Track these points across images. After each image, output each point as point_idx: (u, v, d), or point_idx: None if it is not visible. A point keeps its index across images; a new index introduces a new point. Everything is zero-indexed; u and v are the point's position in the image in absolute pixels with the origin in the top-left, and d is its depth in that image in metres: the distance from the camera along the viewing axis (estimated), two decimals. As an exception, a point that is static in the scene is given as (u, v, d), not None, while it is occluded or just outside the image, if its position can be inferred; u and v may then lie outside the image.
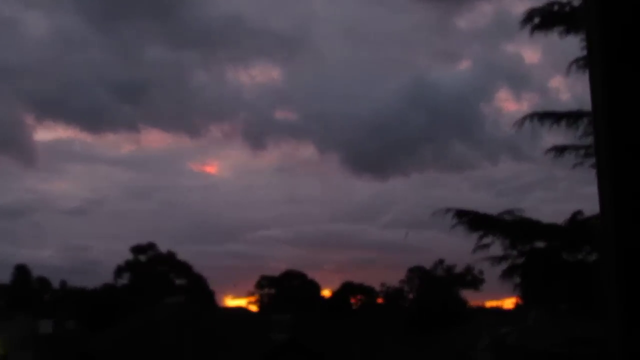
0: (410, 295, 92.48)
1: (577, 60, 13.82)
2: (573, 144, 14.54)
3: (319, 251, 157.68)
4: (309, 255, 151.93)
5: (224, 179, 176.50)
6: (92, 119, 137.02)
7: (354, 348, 41.05)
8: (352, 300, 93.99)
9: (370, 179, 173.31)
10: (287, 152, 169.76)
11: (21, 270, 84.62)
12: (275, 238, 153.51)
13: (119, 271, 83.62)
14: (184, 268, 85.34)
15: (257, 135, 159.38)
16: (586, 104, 13.09)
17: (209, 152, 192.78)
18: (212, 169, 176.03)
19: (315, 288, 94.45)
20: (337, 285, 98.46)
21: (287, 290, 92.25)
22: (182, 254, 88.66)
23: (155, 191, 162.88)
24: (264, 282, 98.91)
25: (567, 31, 13.95)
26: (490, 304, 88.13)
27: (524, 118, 14.62)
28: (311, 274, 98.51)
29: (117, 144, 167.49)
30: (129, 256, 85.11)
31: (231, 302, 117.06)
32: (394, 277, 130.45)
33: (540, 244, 14.87)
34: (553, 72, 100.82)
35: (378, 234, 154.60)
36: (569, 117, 14.29)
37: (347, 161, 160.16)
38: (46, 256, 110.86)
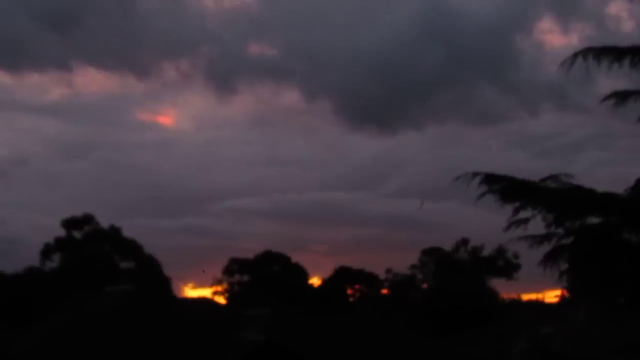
0: (425, 285, 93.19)
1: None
2: (638, 89, 14.48)
3: (306, 227, 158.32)
4: (292, 232, 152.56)
5: (182, 132, 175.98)
6: (11, 55, 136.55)
7: (351, 353, 41.38)
8: (349, 291, 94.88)
9: (373, 133, 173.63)
10: (264, 99, 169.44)
11: None
12: (248, 210, 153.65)
13: (47, 251, 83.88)
14: (132, 248, 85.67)
15: (225, 76, 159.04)
16: (657, 36, 12.94)
17: (162, 97, 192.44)
18: (166, 119, 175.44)
19: (301, 275, 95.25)
20: (329, 271, 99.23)
21: (264, 278, 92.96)
22: (129, 230, 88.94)
23: (93, 148, 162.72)
24: (235, 267, 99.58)
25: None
26: (527, 296, 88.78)
27: (574, 55, 14.53)
28: (296, 257, 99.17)
29: (43, 87, 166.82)
30: (60, 232, 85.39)
31: (192, 292, 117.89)
32: (403, 262, 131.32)
33: (593, 220, 14.89)
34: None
35: (383, 205, 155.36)
36: (634, 54, 14.21)
37: (343, 110, 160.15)
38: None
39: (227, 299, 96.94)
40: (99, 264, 79.34)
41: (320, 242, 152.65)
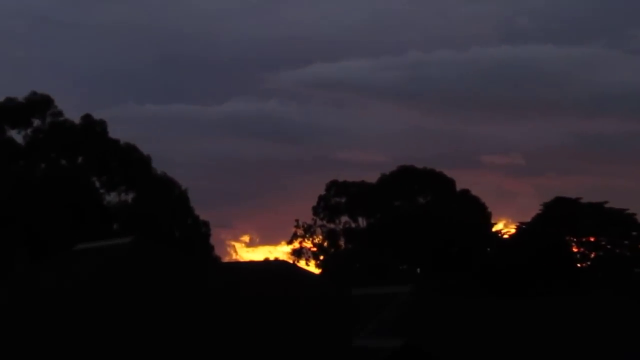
0: None
1: None
2: None
3: (475, 119, 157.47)
4: (448, 129, 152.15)
5: None
6: None
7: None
8: (574, 249, 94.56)
9: None
10: None
11: None
12: (355, 84, 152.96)
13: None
14: (130, 163, 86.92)
15: None
16: None
17: None
18: None
19: (475, 215, 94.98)
20: (530, 207, 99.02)
21: (398, 221, 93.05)
22: (123, 127, 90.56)
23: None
24: (338, 200, 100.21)
25: None
26: None
27: None
28: (461, 178, 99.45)
29: None
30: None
31: (250, 252, 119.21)
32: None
33: None
34: None
35: (630, 70, 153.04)
36: None
37: None
38: None
39: (323, 263, 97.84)
40: (61, 194, 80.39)
41: (505, 148, 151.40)
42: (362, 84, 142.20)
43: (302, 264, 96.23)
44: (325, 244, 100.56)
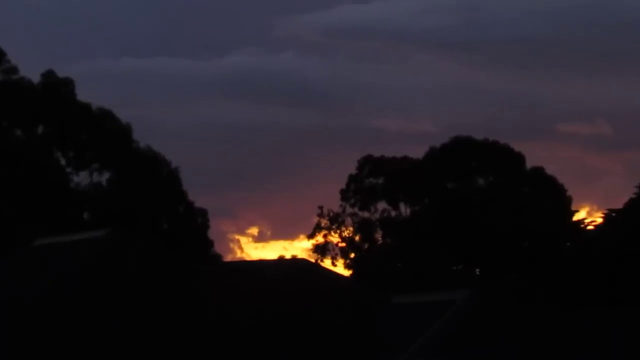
0: None
1: None
2: None
3: (556, 80, 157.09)
4: (516, 90, 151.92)
5: None
6: None
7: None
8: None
9: None
10: None
11: None
12: (393, 29, 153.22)
13: None
14: (102, 133, 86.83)
15: None
16: None
17: None
18: None
19: (554, 199, 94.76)
20: (623, 193, 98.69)
21: (453, 208, 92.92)
22: (95, 88, 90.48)
23: None
24: (373, 182, 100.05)
25: None
26: None
27: None
28: (534, 154, 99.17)
29: None
30: None
31: (261, 248, 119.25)
32: None
33: None
34: None
35: None
36: None
37: None
38: None
39: (355, 263, 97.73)
40: (15, 174, 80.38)
41: (588, 114, 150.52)
42: (402, 31, 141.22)
43: (327, 263, 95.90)
44: (357, 237, 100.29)
